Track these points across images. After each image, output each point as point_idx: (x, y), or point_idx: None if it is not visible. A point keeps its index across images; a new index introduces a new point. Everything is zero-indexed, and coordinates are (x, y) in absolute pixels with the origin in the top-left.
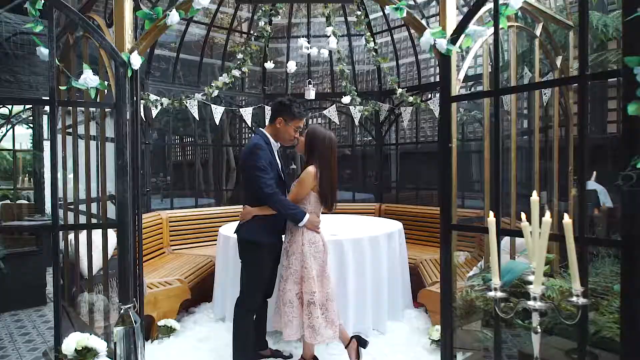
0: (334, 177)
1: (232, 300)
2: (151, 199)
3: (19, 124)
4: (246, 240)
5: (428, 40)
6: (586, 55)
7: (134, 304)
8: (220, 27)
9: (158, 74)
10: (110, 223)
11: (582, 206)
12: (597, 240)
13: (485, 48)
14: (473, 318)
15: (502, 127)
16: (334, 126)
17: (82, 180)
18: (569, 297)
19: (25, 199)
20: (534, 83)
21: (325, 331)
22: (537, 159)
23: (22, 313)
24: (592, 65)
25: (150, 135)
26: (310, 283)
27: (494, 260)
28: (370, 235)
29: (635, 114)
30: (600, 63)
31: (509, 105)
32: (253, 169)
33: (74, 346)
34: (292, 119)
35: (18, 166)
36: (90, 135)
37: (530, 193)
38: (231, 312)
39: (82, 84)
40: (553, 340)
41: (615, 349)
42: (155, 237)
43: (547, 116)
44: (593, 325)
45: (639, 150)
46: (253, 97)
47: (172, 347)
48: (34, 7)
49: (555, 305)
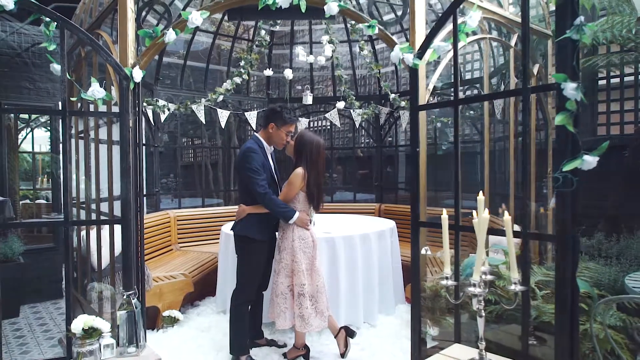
0: (321, 178)
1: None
2: (161, 198)
3: (38, 127)
4: (241, 236)
5: (397, 54)
6: (527, 69)
7: (134, 291)
8: (225, 35)
9: (168, 81)
10: (115, 219)
11: (525, 206)
12: (537, 235)
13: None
14: (439, 306)
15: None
16: (336, 129)
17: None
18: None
19: (44, 199)
20: (486, 95)
21: (314, 321)
22: (512, 162)
23: (40, 305)
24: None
25: (159, 139)
26: (300, 276)
27: (446, 253)
28: (362, 233)
29: (562, 123)
30: (589, 67)
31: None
32: (246, 171)
33: (81, 326)
34: (283, 124)
35: (38, 167)
36: (100, 139)
37: (504, 192)
38: None
39: (90, 96)
40: (511, 328)
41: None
42: (164, 235)
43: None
44: (536, 311)
45: (567, 156)
46: (258, 101)
47: (175, 336)
48: (48, 28)
49: (499, 292)
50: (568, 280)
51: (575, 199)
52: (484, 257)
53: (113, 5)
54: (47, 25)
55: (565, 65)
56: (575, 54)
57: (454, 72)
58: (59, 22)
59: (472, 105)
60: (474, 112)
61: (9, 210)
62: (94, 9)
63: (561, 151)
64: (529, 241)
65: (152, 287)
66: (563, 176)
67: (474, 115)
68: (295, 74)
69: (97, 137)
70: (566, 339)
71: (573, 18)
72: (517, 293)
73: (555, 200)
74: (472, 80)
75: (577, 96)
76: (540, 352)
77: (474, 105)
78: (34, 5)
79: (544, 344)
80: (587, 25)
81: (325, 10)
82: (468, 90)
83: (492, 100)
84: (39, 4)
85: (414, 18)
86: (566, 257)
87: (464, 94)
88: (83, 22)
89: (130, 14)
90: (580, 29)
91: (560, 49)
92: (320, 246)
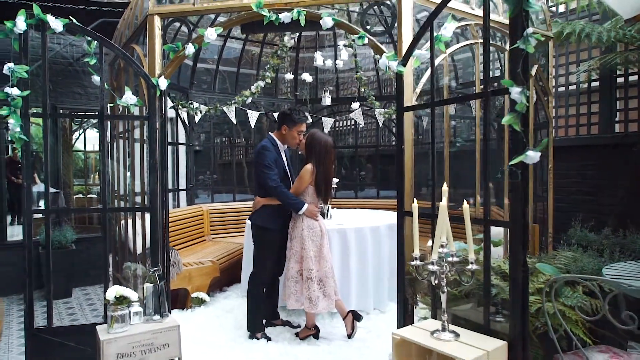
0: (329, 174)
1: None
2: (198, 194)
3: (89, 128)
4: (256, 225)
5: (384, 62)
6: (488, 74)
7: (159, 268)
8: (255, 42)
9: (205, 85)
10: (145, 207)
11: (486, 196)
12: (494, 222)
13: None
14: (421, 287)
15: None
16: (362, 128)
17: (132, 175)
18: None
19: (95, 194)
20: (455, 97)
21: (322, 303)
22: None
23: (89, 289)
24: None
25: (194, 138)
26: (309, 262)
27: (415, 236)
28: (372, 226)
29: (508, 123)
30: (606, 64)
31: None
32: (260, 167)
33: (114, 294)
34: (294, 125)
35: (90, 165)
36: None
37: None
38: None
39: (124, 102)
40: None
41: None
42: (198, 226)
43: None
44: (496, 289)
45: (513, 152)
46: (286, 102)
47: (202, 314)
48: (90, 46)
49: (458, 269)
50: (520, 261)
51: (525, 189)
52: (443, 239)
53: (143, 24)
54: (89, 43)
55: (514, 71)
56: (522, 61)
57: (431, 77)
58: (99, 40)
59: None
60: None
61: (62, 201)
62: (130, 24)
63: (512, 148)
64: (489, 227)
65: (182, 271)
66: (510, 169)
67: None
68: (322, 76)
69: (132, 137)
70: (518, 313)
71: (523, 30)
72: (474, 272)
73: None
74: (473, 82)
75: (520, 99)
76: (500, 326)
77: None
78: (78, 27)
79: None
80: (532, 36)
81: (322, 24)
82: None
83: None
84: (83, 26)
85: (400, 29)
86: (517, 240)
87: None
88: (123, 35)
89: (157, 32)
90: (526, 39)
91: (511, 57)
92: (333, 237)
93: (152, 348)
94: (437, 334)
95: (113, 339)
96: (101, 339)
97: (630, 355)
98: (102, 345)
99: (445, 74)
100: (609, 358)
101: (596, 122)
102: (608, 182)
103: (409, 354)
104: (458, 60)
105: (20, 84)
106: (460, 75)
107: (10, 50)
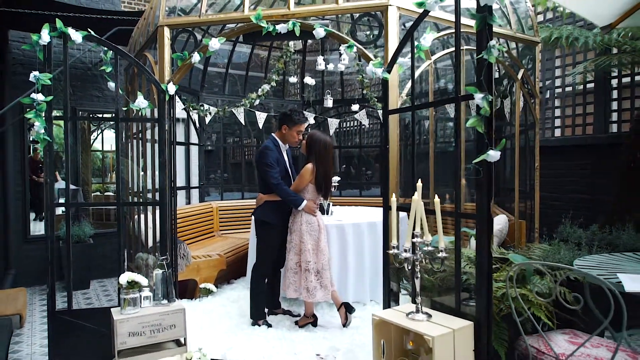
0: (329, 172)
1: None
2: (210, 192)
3: (107, 129)
4: (259, 220)
5: (371, 68)
6: (459, 79)
7: (167, 256)
8: (263, 45)
9: (217, 89)
10: (154, 202)
11: (457, 191)
12: (464, 215)
13: (431, 69)
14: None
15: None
16: (367, 128)
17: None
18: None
19: (112, 192)
20: (432, 102)
21: (318, 293)
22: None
23: (106, 280)
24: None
25: (206, 138)
26: (307, 254)
27: (393, 228)
28: (369, 221)
29: (473, 125)
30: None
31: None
32: (262, 165)
33: (126, 279)
34: (294, 125)
35: (108, 165)
36: (147, 139)
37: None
38: None
39: (136, 106)
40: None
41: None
42: (208, 222)
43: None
44: (466, 275)
45: (477, 152)
46: (294, 103)
47: (209, 304)
48: (106, 55)
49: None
50: (485, 249)
51: (490, 184)
52: (417, 230)
53: (154, 34)
54: (105, 52)
55: (479, 79)
56: (486, 70)
57: (412, 83)
58: (114, 51)
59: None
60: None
61: (81, 197)
62: (144, 33)
63: (476, 148)
64: (461, 220)
65: (191, 263)
66: (474, 167)
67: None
68: (330, 78)
69: (144, 137)
70: (483, 295)
71: (487, 42)
72: (443, 259)
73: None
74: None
75: (483, 104)
76: (469, 309)
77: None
78: (95, 39)
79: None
80: (494, 47)
81: (315, 34)
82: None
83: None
84: (100, 37)
85: (387, 39)
86: (482, 229)
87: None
88: (137, 42)
89: (167, 42)
90: (489, 50)
91: (477, 65)
92: (332, 232)
93: (160, 328)
94: (412, 315)
95: (125, 319)
96: (115, 319)
97: (591, 338)
98: (116, 324)
99: (431, 80)
100: (568, 339)
101: (591, 122)
102: (603, 181)
103: (388, 333)
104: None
105: (44, 90)
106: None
107: (35, 57)
